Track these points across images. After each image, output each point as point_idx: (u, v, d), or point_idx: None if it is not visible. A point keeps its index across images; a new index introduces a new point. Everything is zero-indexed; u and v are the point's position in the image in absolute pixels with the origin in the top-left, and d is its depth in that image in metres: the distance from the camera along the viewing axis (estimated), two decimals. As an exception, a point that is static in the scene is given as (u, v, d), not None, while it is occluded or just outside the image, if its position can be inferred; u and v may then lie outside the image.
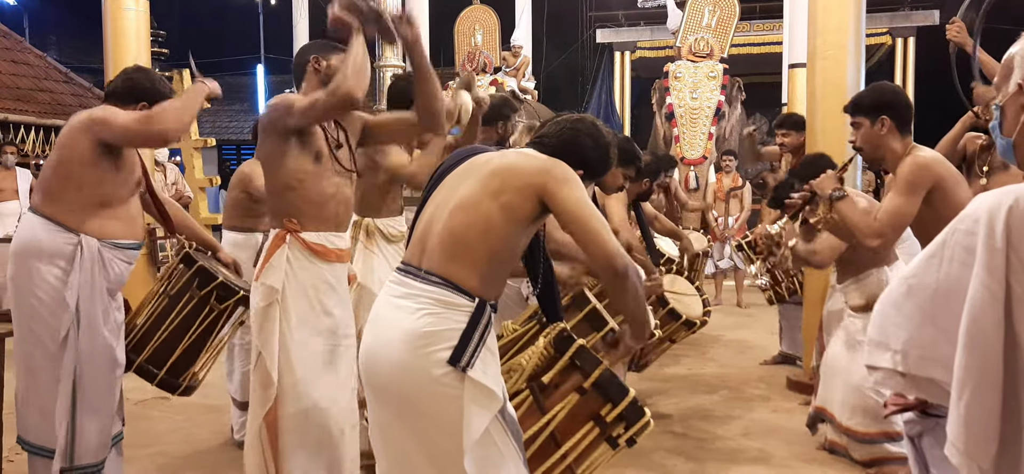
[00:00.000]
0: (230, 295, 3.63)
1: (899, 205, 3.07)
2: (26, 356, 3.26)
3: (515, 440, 2.22)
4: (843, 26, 5.23)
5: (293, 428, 2.88)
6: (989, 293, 1.22)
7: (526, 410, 2.46)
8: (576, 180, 2.25)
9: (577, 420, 2.44)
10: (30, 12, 22.32)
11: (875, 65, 15.90)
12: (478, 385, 2.12)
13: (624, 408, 2.40)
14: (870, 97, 3.36)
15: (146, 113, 3.21)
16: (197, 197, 9.12)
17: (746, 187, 9.73)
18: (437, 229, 2.24)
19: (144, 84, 3.41)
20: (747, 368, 6.30)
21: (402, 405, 2.20)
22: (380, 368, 2.22)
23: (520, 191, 2.21)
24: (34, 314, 3.21)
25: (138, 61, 6.21)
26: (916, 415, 2.46)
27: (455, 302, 2.16)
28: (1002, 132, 1.49)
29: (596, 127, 2.46)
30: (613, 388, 2.42)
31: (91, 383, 3.24)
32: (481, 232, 2.20)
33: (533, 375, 2.46)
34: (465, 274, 2.18)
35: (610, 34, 16.36)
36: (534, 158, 2.29)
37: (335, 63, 2.95)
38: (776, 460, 4.20)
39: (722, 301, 9.46)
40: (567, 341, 2.45)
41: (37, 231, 3.24)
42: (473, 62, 13.48)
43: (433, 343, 2.13)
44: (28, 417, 3.30)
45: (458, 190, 2.26)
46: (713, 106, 11.74)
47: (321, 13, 17.39)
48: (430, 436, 2.19)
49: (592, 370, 2.42)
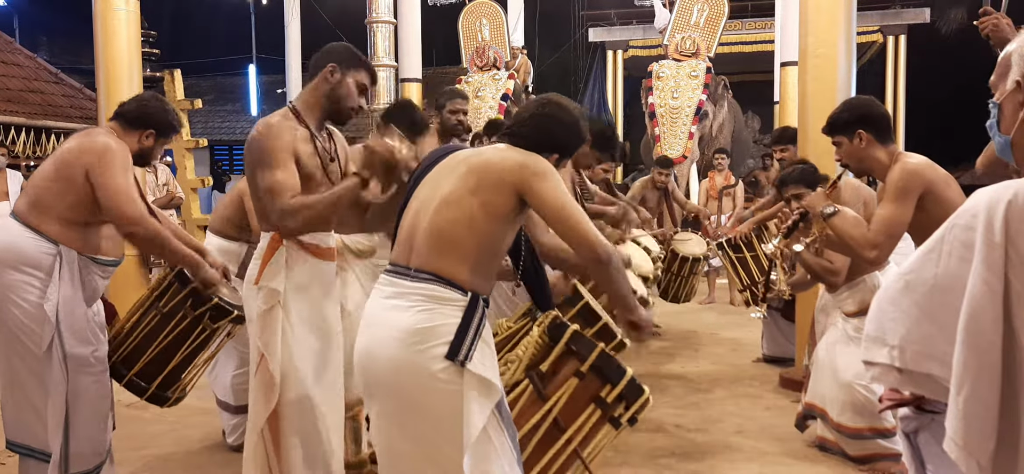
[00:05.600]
0: (223, 315, 3.57)
1: (891, 214, 3.08)
2: (10, 362, 3.24)
3: (510, 436, 2.23)
4: (834, 24, 5.25)
5: (292, 416, 2.89)
6: (988, 288, 1.22)
7: (527, 400, 2.49)
8: (552, 173, 2.28)
9: (578, 404, 2.48)
10: (20, 12, 22.22)
11: (866, 63, 15.95)
12: (477, 377, 2.13)
13: (623, 387, 2.45)
14: (844, 114, 3.38)
15: (135, 212, 3.21)
16: (189, 198, 9.08)
17: (738, 185, 9.75)
18: (423, 227, 2.26)
19: (157, 115, 3.43)
20: (740, 366, 6.31)
21: (400, 404, 2.21)
22: (378, 369, 2.22)
23: (497, 188, 2.24)
24: (15, 321, 3.20)
25: (129, 62, 6.20)
26: (912, 411, 2.46)
27: (448, 297, 2.18)
28: (1000, 130, 1.49)
29: (562, 106, 2.48)
30: (611, 369, 2.47)
31: (82, 390, 3.23)
32: (466, 226, 2.22)
33: (531, 365, 2.49)
34: (455, 268, 2.20)
35: (602, 33, 16.38)
36: (509, 155, 2.32)
37: (349, 83, 2.98)
38: (769, 457, 4.21)
39: (715, 299, 9.48)
40: (561, 328, 2.49)
41: (16, 238, 3.22)
42: (482, 57, 13.25)
43: (429, 339, 2.14)
44: (15, 419, 3.28)
45: (440, 187, 2.29)
46: (693, 106, 11.71)
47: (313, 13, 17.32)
48: (428, 434, 2.19)
49: (588, 354, 2.46)
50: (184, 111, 9.32)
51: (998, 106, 1.49)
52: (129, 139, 3.37)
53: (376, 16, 12.45)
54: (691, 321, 8.40)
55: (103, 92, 6.22)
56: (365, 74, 3.06)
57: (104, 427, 3.36)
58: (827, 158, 5.24)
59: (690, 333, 7.74)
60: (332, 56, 3.02)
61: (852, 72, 5.33)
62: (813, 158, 5.34)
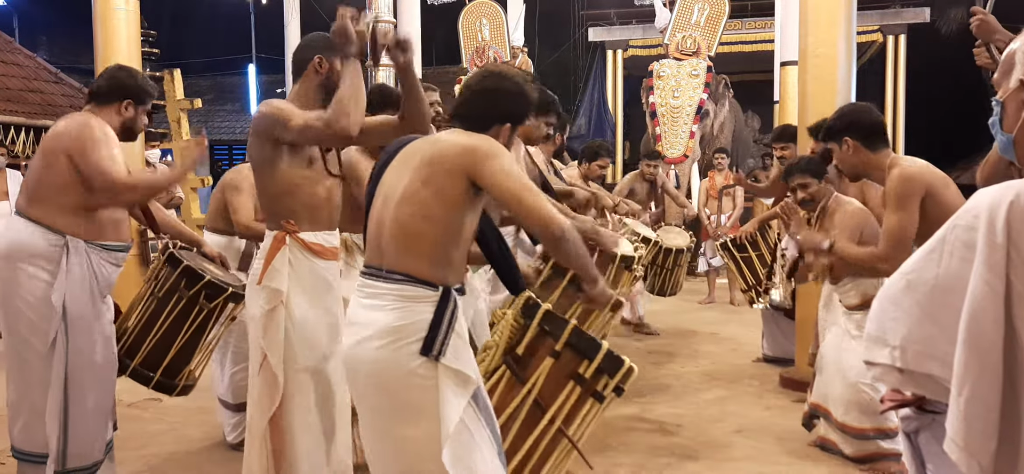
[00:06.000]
0: (218, 293, 3.61)
1: (896, 223, 3.11)
2: (16, 360, 3.24)
3: (489, 427, 2.28)
4: (834, 24, 5.24)
5: (295, 416, 2.88)
6: (989, 289, 1.22)
7: (507, 385, 2.52)
8: (502, 153, 2.28)
9: (558, 383, 2.50)
10: (20, 12, 22.19)
11: (866, 63, 15.93)
12: (452, 371, 2.20)
13: (601, 361, 2.46)
14: (832, 122, 3.42)
15: (122, 174, 3.21)
16: (189, 198, 9.07)
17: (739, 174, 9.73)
18: (388, 226, 2.29)
19: (128, 82, 3.39)
20: (740, 365, 6.30)
21: (383, 401, 2.27)
22: (360, 368, 2.29)
23: (449, 175, 2.25)
24: (22, 318, 3.19)
25: (129, 61, 6.17)
26: (913, 411, 2.46)
27: (419, 295, 2.23)
28: (1002, 128, 1.49)
29: (502, 75, 2.49)
30: (585, 345, 2.48)
31: (83, 385, 3.22)
32: (426, 220, 2.25)
33: (508, 349, 2.51)
34: (422, 265, 2.24)
35: (602, 32, 16.34)
36: (458, 139, 2.32)
37: (338, 68, 2.89)
38: (769, 457, 4.20)
39: (715, 299, 9.47)
40: (533, 308, 2.50)
41: (22, 233, 3.22)
42: (482, 57, 13.24)
43: (404, 336, 2.20)
44: (19, 423, 3.27)
45: (398, 184, 2.31)
46: (694, 105, 11.70)
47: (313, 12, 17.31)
48: (410, 429, 2.24)
49: (561, 332, 2.46)
50: (184, 111, 9.31)
51: (1001, 104, 1.49)
52: (108, 115, 3.34)
53: (375, 15, 12.45)
54: (691, 321, 8.40)
55: (103, 92, 6.20)
56: None
57: (104, 426, 3.36)
58: (827, 156, 5.27)
59: (690, 333, 7.73)
60: (315, 48, 2.96)
61: (852, 72, 5.33)
62: (812, 157, 5.35)
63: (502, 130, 2.41)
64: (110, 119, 3.33)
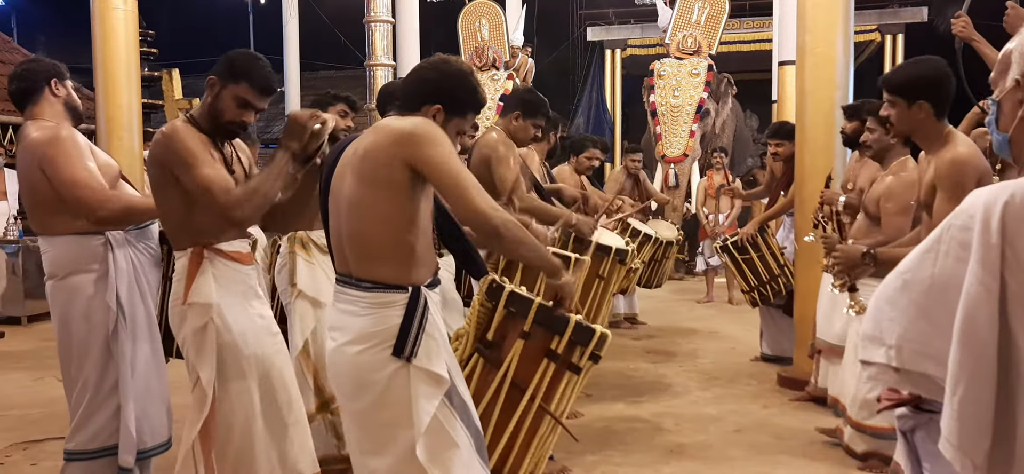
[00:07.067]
0: None
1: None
2: (80, 373, 3.24)
3: (466, 425, 2.30)
4: (832, 23, 5.25)
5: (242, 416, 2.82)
6: (984, 289, 1.22)
7: (482, 371, 2.55)
8: (440, 139, 2.23)
9: (532, 362, 2.53)
10: (18, 11, 22.18)
11: (864, 62, 15.95)
12: (423, 372, 2.22)
13: (571, 334, 2.48)
14: (908, 76, 3.04)
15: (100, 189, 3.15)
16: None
17: (737, 184, 9.74)
18: (345, 236, 2.30)
19: (38, 68, 3.40)
20: (738, 365, 6.31)
21: (362, 403, 2.30)
22: (341, 370, 2.33)
23: (388, 165, 2.21)
24: (78, 329, 3.20)
25: (127, 61, 6.19)
26: (909, 410, 2.46)
27: (389, 300, 2.24)
28: (998, 127, 1.49)
29: (443, 59, 2.44)
30: (553, 321, 2.49)
31: (139, 369, 3.27)
32: (377, 222, 2.24)
33: (479, 336, 2.54)
34: (387, 270, 2.25)
35: (601, 32, 16.35)
36: (394, 125, 2.27)
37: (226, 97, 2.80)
38: (768, 456, 4.21)
39: (713, 298, 9.48)
40: (498, 290, 2.52)
41: (60, 249, 3.21)
42: (481, 57, 13.21)
43: (377, 340, 2.23)
44: (146, 426, 3.30)
45: (344, 190, 2.29)
46: (695, 104, 11.69)
47: (311, 13, 17.23)
48: (387, 430, 2.27)
49: (527, 311, 2.48)
50: (182, 110, 9.31)
51: (997, 103, 1.49)
52: (48, 109, 3.27)
53: (374, 15, 12.41)
54: (690, 320, 8.41)
55: (101, 91, 6.20)
56: (246, 87, 2.80)
57: (163, 409, 3.41)
58: (825, 156, 5.27)
59: (689, 332, 7.74)
60: (218, 67, 2.84)
61: (850, 71, 5.33)
62: (810, 155, 5.36)
63: (432, 110, 2.33)
64: (54, 109, 3.27)
